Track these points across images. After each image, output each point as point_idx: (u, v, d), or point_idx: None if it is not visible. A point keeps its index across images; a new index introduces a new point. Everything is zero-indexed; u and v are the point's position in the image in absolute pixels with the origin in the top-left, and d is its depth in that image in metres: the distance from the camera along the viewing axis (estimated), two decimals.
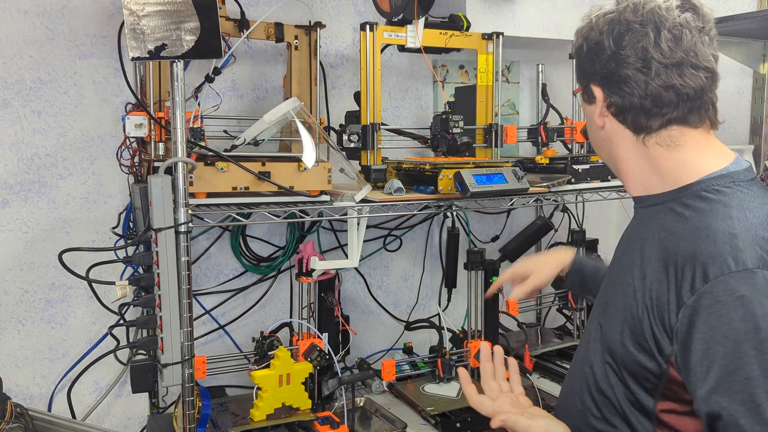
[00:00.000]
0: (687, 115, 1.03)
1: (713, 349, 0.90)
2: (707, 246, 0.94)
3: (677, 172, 1.05)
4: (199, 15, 1.45)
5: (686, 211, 1.01)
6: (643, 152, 1.08)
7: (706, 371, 0.91)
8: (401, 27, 1.95)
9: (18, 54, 1.85)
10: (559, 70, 2.68)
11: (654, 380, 1.00)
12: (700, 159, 1.04)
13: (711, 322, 0.90)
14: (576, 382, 1.16)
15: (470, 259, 2.16)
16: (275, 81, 2.20)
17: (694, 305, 0.92)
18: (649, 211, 1.08)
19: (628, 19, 1.03)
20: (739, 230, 0.94)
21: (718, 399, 0.89)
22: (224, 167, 1.60)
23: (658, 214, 1.05)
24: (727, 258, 0.91)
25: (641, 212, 1.11)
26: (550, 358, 2.34)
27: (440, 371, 2.11)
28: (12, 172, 1.87)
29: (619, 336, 1.04)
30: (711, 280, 0.91)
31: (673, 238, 0.99)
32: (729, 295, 0.90)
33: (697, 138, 1.05)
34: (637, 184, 1.11)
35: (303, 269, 1.90)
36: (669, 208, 1.04)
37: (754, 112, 2.71)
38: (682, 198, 1.03)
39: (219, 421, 1.78)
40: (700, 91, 1.02)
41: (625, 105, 1.05)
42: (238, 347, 2.18)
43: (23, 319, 1.92)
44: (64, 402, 1.96)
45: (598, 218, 2.89)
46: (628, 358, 1.02)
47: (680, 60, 1.00)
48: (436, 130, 2.00)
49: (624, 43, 1.03)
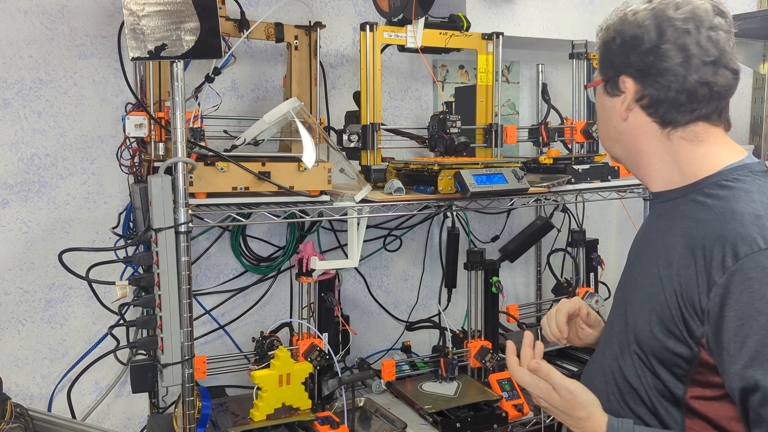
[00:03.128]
0: (712, 113, 1.08)
1: (747, 325, 0.93)
2: (735, 227, 0.97)
3: (697, 166, 1.09)
4: (199, 15, 1.45)
5: (708, 200, 1.04)
6: (666, 146, 1.11)
7: (740, 347, 0.94)
8: (401, 27, 1.95)
9: (18, 54, 1.85)
10: (559, 70, 2.68)
11: (685, 366, 1.02)
12: (719, 153, 1.09)
13: (744, 299, 0.94)
14: (599, 377, 1.17)
15: (470, 259, 2.16)
16: (275, 81, 2.20)
17: (725, 284, 0.95)
18: (670, 204, 1.11)
19: (670, 15, 1.06)
20: (764, 212, 0.98)
21: (753, 373, 0.92)
22: (224, 167, 1.60)
23: (678, 207, 1.09)
24: (756, 237, 0.95)
25: (660, 207, 1.14)
26: (550, 358, 2.34)
27: (443, 371, 2.11)
28: (12, 172, 1.87)
29: (647, 325, 1.06)
30: (741, 258, 0.94)
31: (698, 224, 1.02)
32: (760, 271, 0.93)
33: (717, 135, 1.10)
34: (659, 179, 1.13)
35: (303, 269, 1.90)
36: (690, 199, 1.07)
37: (754, 112, 2.71)
38: (703, 188, 1.06)
39: (219, 421, 1.78)
40: (728, 89, 1.08)
41: (660, 98, 1.08)
42: (238, 347, 2.18)
43: (23, 319, 1.92)
44: (64, 402, 1.96)
45: (598, 218, 2.89)
46: (657, 345, 1.04)
47: (716, 59, 1.05)
48: (433, 130, 2.00)
49: (666, 38, 1.06)
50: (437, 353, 2.17)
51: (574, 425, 1.10)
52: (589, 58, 2.23)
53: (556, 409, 1.12)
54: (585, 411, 1.09)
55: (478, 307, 2.19)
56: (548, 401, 1.12)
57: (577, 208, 2.66)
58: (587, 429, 1.08)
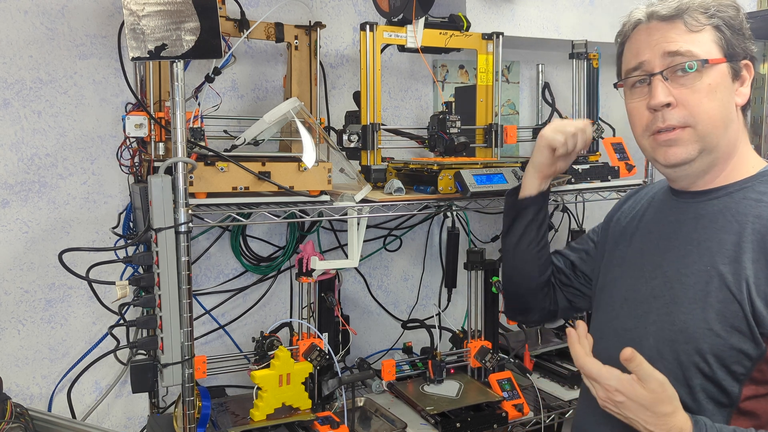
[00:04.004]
0: None
1: None
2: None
3: (751, 162, 1.14)
4: (199, 15, 1.45)
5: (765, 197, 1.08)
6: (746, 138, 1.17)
7: None
8: (401, 27, 1.95)
9: (18, 54, 1.85)
10: (559, 70, 2.68)
11: (748, 363, 1.02)
12: (752, 154, 1.16)
13: None
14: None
15: (470, 259, 2.16)
16: (275, 81, 2.20)
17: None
18: (720, 202, 1.12)
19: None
20: None
21: None
22: (224, 167, 1.60)
23: (729, 205, 1.10)
24: None
25: (700, 207, 1.14)
26: (550, 358, 2.34)
27: (431, 373, 2.10)
28: (12, 172, 1.88)
29: (702, 323, 1.05)
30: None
31: (761, 220, 1.05)
32: None
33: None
34: (749, 166, 1.15)
35: (303, 269, 1.90)
36: (742, 196, 1.10)
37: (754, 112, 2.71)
38: (754, 185, 1.10)
39: (219, 421, 1.78)
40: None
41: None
42: (238, 347, 2.18)
43: (23, 319, 1.92)
44: (64, 402, 1.96)
45: (598, 218, 2.87)
46: (718, 343, 1.03)
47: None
48: (433, 130, 2.00)
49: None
50: (426, 355, 2.16)
51: (654, 422, 1.01)
52: (589, 58, 2.23)
53: (635, 405, 1.01)
54: (671, 405, 1.01)
55: (478, 307, 2.19)
56: (629, 395, 1.01)
57: (577, 208, 2.66)
58: (671, 425, 1.00)
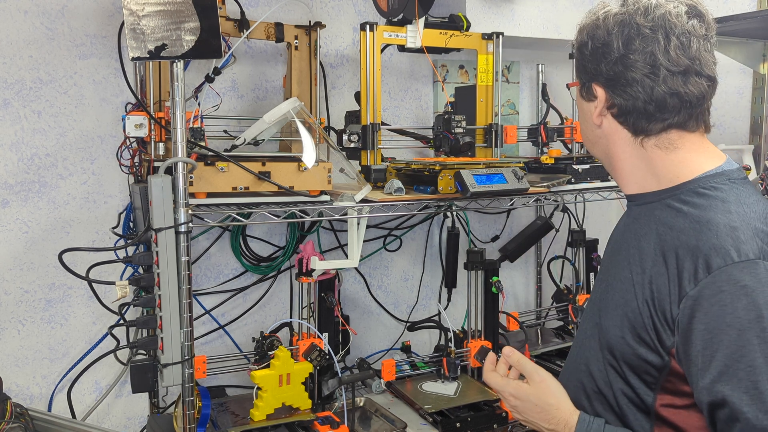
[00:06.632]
0: (687, 121, 1.05)
1: (717, 339, 0.91)
2: (710, 238, 0.95)
3: (674, 172, 1.06)
4: (199, 15, 1.45)
5: (684, 207, 1.02)
6: (640, 153, 1.08)
7: (709, 360, 0.91)
8: (401, 27, 1.95)
9: (18, 54, 1.85)
10: (559, 70, 2.68)
11: (655, 373, 1.00)
12: (696, 159, 1.06)
13: (714, 312, 0.91)
14: (570, 381, 1.16)
15: (470, 259, 2.16)
16: (275, 81, 2.20)
17: (696, 296, 0.93)
18: (645, 208, 1.09)
19: (638, 22, 1.02)
20: (739, 223, 0.96)
21: (721, 388, 0.90)
22: (224, 167, 1.60)
23: (654, 211, 1.06)
24: (729, 249, 0.93)
25: (635, 210, 1.12)
26: (550, 358, 2.34)
27: (446, 370, 2.11)
28: (12, 172, 1.87)
29: (618, 331, 1.05)
30: (714, 270, 0.92)
31: (672, 231, 1.00)
32: (732, 285, 0.91)
33: (693, 141, 1.07)
34: (632, 182, 1.12)
35: (303, 269, 1.90)
36: (666, 204, 1.05)
37: (754, 112, 2.71)
38: (679, 194, 1.04)
39: (219, 421, 1.78)
40: (702, 98, 1.04)
41: (629, 108, 1.06)
42: (238, 347, 2.18)
43: (23, 319, 1.92)
44: (64, 402, 1.96)
45: (598, 218, 2.89)
46: (628, 352, 1.03)
47: (686, 67, 1.01)
48: (438, 130, 2.00)
49: (633, 47, 1.03)
50: (439, 353, 2.17)
51: (543, 417, 1.11)
52: None
53: (526, 404, 1.13)
54: (554, 398, 1.11)
55: (478, 307, 2.19)
56: (520, 395, 1.13)
57: (577, 208, 2.66)
58: (558, 417, 1.09)
